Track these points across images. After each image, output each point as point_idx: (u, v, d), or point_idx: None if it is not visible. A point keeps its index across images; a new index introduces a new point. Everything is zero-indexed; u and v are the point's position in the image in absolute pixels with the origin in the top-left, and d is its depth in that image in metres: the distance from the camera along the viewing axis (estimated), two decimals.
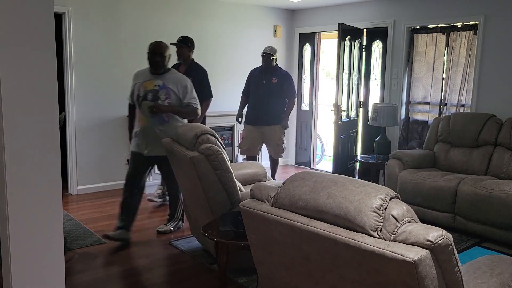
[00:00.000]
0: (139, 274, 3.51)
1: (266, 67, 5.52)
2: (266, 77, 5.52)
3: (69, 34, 5.24)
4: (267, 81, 5.50)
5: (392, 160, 4.99)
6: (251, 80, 5.68)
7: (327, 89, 8.33)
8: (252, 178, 4.07)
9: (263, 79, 5.52)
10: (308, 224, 1.81)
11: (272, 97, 5.49)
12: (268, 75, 5.52)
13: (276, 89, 5.49)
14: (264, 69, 5.55)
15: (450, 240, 1.58)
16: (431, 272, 1.54)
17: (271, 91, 5.48)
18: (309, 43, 7.24)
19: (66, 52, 5.26)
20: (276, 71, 5.58)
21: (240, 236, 2.69)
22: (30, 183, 1.87)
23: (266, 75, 5.53)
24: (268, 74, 5.53)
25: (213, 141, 3.37)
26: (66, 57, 5.27)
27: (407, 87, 5.98)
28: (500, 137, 4.68)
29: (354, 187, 1.77)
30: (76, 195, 5.45)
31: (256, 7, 6.88)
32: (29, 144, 1.86)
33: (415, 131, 5.96)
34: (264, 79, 5.52)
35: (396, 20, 5.97)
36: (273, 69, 5.54)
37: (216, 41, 6.49)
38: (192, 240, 4.07)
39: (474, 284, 1.93)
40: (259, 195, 2.11)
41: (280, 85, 5.49)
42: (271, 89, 5.49)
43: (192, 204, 3.78)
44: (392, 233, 1.62)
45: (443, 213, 4.45)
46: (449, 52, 5.53)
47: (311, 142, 7.39)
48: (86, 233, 4.22)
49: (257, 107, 5.55)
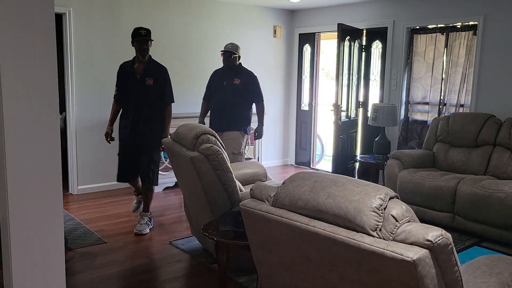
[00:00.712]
0: (139, 274, 3.51)
1: (228, 67, 4.91)
2: (227, 78, 4.91)
3: (69, 34, 5.25)
4: (228, 82, 4.88)
5: (391, 160, 5.00)
6: (212, 82, 5.08)
7: (326, 89, 8.34)
8: (252, 178, 4.07)
9: (224, 81, 4.91)
10: (308, 224, 1.81)
11: (235, 100, 4.87)
12: (230, 76, 4.91)
13: (238, 91, 4.88)
14: (226, 69, 4.95)
15: (450, 240, 1.58)
16: (430, 271, 1.55)
17: (233, 94, 4.87)
18: (309, 43, 7.24)
19: (66, 52, 5.27)
20: (240, 71, 4.97)
21: (240, 236, 2.70)
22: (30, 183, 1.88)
23: (227, 76, 4.92)
24: (230, 75, 4.92)
25: (213, 141, 3.37)
26: (67, 57, 5.28)
27: (406, 87, 5.99)
28: (499, 137, 4.69)
29: (353, 187, 1.77)
30: (77, 195, 5.46)
31: (256, 7, 6.89)
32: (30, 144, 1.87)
33: (414, 131, 5.97)
34: (225, 80, 4.91)
35: (396, 20, 5.98)
36: (236, 69, 4.93)
37: (216, 41, 6.49)
38: (192, 240, 4.07)
39: (474, 284, 1.94)
40: (259, 195, 2.12)
41: (243, 87, 4.89)
42: (233, 91, 4.87)
43: (192, 204, 3.79)
44: (392, 232, 1.63)
45: (443, 213, 4.46)
46: (448, 52, 5.53)
47: (310, 142, 7.40)
48: (86, 232, 4.23)
49: (220, 112, 4.92)
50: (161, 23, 5.89)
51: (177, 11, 6.09)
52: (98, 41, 5.46)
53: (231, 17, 6.64)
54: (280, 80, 7.37)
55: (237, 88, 4.87)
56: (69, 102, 5.35)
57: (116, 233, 4.22)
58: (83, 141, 5.44)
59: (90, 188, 5.53)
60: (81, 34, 5.32)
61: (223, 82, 4.92)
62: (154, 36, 4.24)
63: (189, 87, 6.04)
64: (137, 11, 5.72)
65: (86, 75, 5.41)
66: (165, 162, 5.71)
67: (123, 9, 5.63)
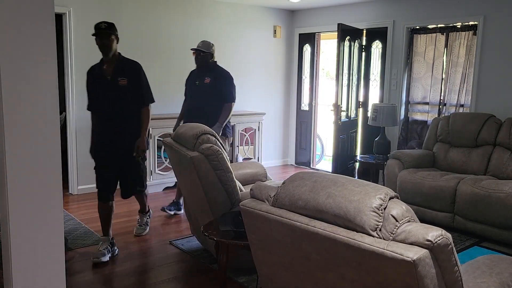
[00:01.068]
0: (139, 273, 3.51)
1: (201, 66, 4.64)
2: (200, 77, 4.66)
3: (69, 34, 5.25)
4: (200, 82, 4.63)
5: (391, 160, 5.00)
6: (187, 83, 4.84)
7: (326, 89, 8.34)
8: (252, 178, 4.07)
9: (196, 80, 4.67)
10: (308, 223, 1.81)
11: (205, 101, 4.56)
12: (202, 76, 4.64)
13: (208, 90, 4.56)
14: (200, 69, 4.67)
15: (450, 240, 1.58)
16: (430, 271, 1.55)
17: (204, 94, 4.58)
18: (309, 43, 7.25)
19: (66, 52, 5.27)
20: (213, 69, 4.65)
21: (240, 236, 2.70)
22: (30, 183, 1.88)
23: (200, 76, 4.66)
24: (202, 74, 4.64)
25: (213, 141, 3.38)
26: (67, 57, 5.28)
27: (406, 87, 5.99)
28: (499, 137, 4.69)
29: (353, 187, 1.77)
30: (77, 194, 5.46)
31: (256, 7, 6.89)
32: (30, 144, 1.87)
33: (414, 131, 5.97)
34: (197, 80, 4.67)
35: (396, 20, 5.98)
36: (209, 68, 4.63)
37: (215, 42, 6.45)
38: (192, 240, 4.08)
39: (474, 284, 1.94)
40: (259, 195, 2.12)
41: (213, 86, 4.55)
42: (203, 91, 4.59)
43: (192, 204, 3.79)
44: (392, 232, 1.62)
45: (443, 213, 4.46)
46: (448, 52, 5.53)
47: (310, 142, 7.40)
48: (86, 232, 4.23)
49: (191, 115, 4.51)
50: (161, 23, 5.89)
51: (177, 11, 6.09)
52: None
53: (231, 17, 6.64)
54: (280, 80, 7.37)
55: (208, 88, 4.57)
56: (69, 102, 5.35)
57: (116, 233, 4.21)
58: (83, 141, 5.43)
59: (90, 188, 5.52)
60: (81, 34, 5.32)
61: (195, 82, 4.69)
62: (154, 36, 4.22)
63: None
64: (137, 11, 5.72)
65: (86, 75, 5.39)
66: (165, 162, 5.71)
67: (123, 9, 5.63)
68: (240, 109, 6.85)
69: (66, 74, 5.30)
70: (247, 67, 6.89)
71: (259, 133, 6.69)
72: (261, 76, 7.09)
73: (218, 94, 4.54)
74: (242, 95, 6.88)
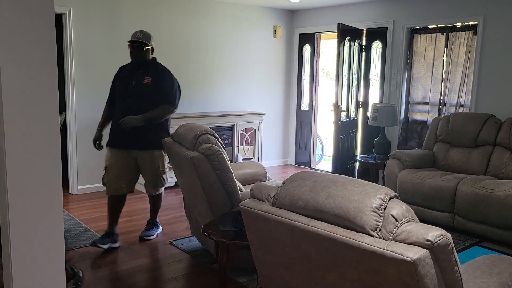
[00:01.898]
0: (139, 274, 3.51)
1: (138, 62, 3.89)
2: (136, 76, 3.88)
3: (69, 34, 5.25)
4: (137, 82, 3.86)
5: (391, 160, 5.00)
6: (116, 82, 4.03)
7: (326, 89, 8.34)
8: (252, 178, 4.08)
9: (132, 80, 3.88)
10: (308, 223, 1.81)
11: (142, 103, 3.81)
12: (139, 74, 3.88)
13: (148, 92, 3.84)
14: (135, 65, 3.91)
15: (450, 240, 1.58)
16: (430, 271, 1.55)
17: (140, 96, 3.84)
18: (309, 43, 7.25)
19: (66, 52, 5.27)
20: (153, 67, 3.95)
21: (240, 236, 2.70)
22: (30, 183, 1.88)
23: (137, 74, 3.89)
24: (140, 73, 3.89)
25: (213, 141, 3.38)
26: (67, 57, 5.28)
27: (406, 87, 5.99)
28: (499, 137, 4.69)
29: (353, 187, 1.77)
30: (77, 194, 5.46)
31: (255, 7, 6.89)
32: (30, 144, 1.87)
33: (414, 131, 5.97)
34: (133, 79, 3.88)
35: (396, 20, 5.98)
36: (148, 65, 3.92)
37: (215, 42, 6.50)
38: (192, 240, 4.08)
39: (474, 284, 1.94)
40: (259, 195, 2.12)
41: (155, 88, 3.86)
42: (141, 92, 3.85)
43: (192, 204, 3.79)
44: (392, 232, 1.63)
45: (443, 213, 4.46)
46: (448, 52, 5.53)
47: (310, 142, 7.40)
48: (86, 232, 4.23)
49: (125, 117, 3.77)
50: (160, 23, 5.89)
51: (177, 11, 6.09)
52: (98, 41, 5.46)
53: (231, 17, 6.64)
54: (280, 80, 7.37)
55: (147, 89, 3.85)
56: (69, 102, 5.35)
57: None
58: (83, 141, 5.43)
59: (90, 188, 5.53)
60: (81, 34, 5.32)
61: (130, 81, 3.89)
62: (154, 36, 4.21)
63: (189, 87, 6.04)
64: (137, 11, 5.72)
65: (86, 75, 5.41)
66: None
67: (123, 9, 5.63)
68: (240, 109, 6.85)
69: (66, 74, 5.30)
70: (247, 67, 6.89)
71: (259, 133, 6.69)
72: (261, 76, 7.09)
73: (160, 98, 3.86)
74: (242, 95, 6.90)
